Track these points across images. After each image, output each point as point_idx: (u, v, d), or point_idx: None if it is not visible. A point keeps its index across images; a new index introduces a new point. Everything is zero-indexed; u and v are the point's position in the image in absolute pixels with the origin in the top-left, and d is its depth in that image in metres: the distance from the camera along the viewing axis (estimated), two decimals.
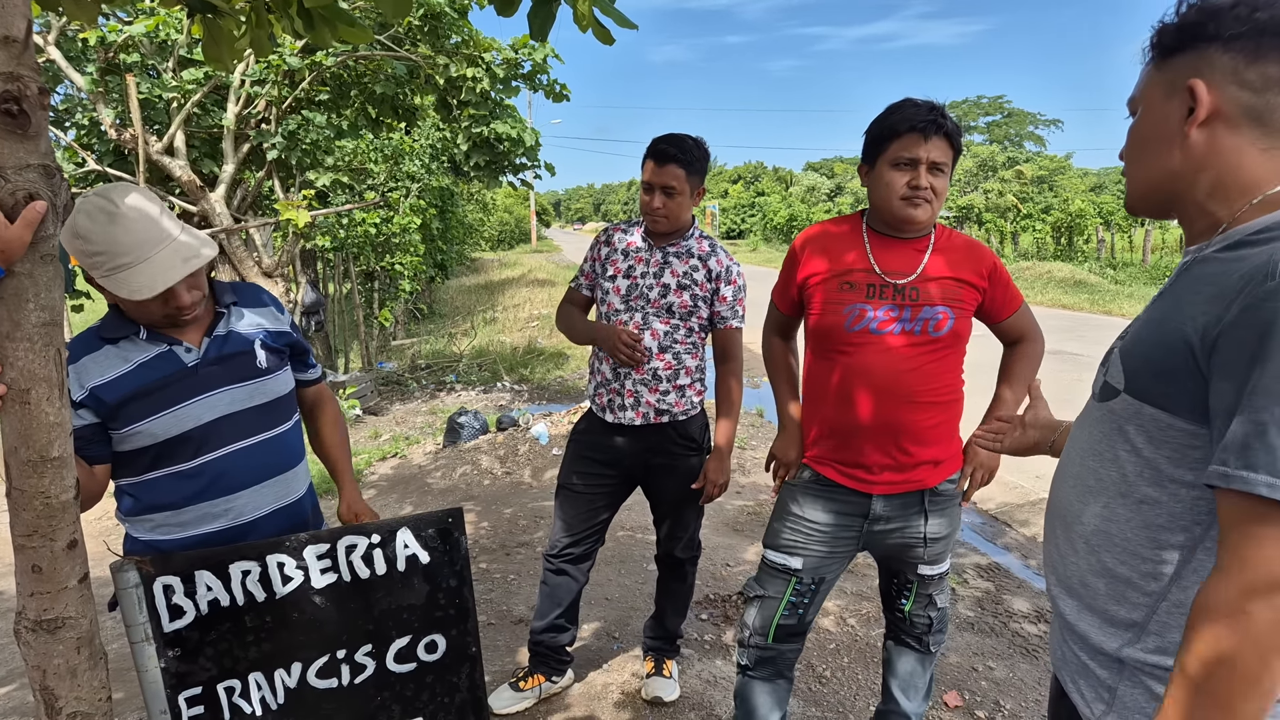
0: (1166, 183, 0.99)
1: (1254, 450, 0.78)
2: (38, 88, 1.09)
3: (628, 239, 2.41)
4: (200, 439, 1.55)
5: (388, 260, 10.74)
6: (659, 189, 2.28)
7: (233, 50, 2.20)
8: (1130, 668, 0.97)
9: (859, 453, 1.83)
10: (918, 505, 1.87)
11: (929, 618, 1.96)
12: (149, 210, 1.45)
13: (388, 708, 1.53)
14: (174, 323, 1.54)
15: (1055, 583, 1.09)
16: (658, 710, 2.53)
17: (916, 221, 1.77)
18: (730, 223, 45.43)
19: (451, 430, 6.30)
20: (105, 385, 1.49)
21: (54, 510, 1.17)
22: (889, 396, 1.78)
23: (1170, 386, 0.90)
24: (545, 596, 2.52)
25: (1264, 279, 0.81)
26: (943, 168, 1.76)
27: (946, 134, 1.74)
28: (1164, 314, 0.95)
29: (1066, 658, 1.07)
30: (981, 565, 3.66)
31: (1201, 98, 0.91)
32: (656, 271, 2.34)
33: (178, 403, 1.53)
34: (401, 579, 1.52)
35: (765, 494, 4.77)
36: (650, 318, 2.33)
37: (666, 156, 2.26)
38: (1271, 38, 0.88)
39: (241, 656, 1.43)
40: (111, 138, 5.35)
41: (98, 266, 1.42)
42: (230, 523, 1.59)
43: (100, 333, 1.53)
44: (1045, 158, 39.16)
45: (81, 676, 1.22)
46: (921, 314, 1.77)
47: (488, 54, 6.11)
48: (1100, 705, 1.00)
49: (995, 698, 2.61)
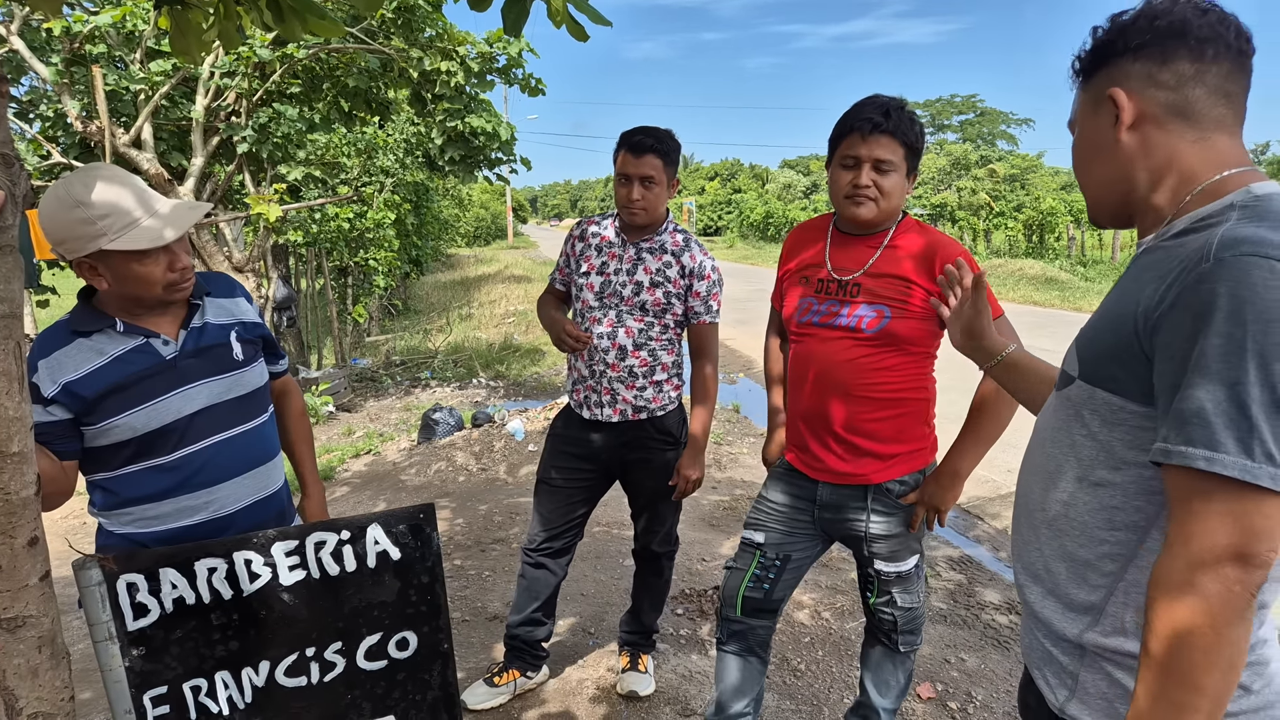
0: (1113, 187, 1.04)
1: (1191, 425, 0.81)
2: None
3: (601, 233, 2.39)
4: (180, 432, 1.53)
5: (362, 256, 10.63)
6: (637, 180, 2.24)
7: (200, 42, 2.16)
8: (1091, 653, 0.99)
9: (805, 439, 1.93)
10: (861, 500, 1.90)
11: (892, 615, 1.97)
12: (136, 180, 1.48)
13: (358, 705, 1.52)
14: (172, 293, 1.51)
15: (1021, 570, 1.12)
16: (633, 705, 2.53)
17: (860, 219, 1.83)
18: (707, 219, 45.50)
19: (426, 427, 6.25)
20: (81, 380, 1.46)
21: (14, 507, 1.15)
22: (826, 386, 1.87)
23: (1120, 370, 0.93)
24: (523, 590, 2.52)
25: (1199, 261, 0.84)
26: (887, 165, 1.77)
27: (892, 131, 1.75)
28: (1113, 302, 1.00)
29: (1033, 645, 1.09)
30: (953, 558, 3.71)
31: (1122, 103, 0.98)
32: (629, 268, 2.33)
33: (157, 396, 1.51)
34: (372, 576, 1.50)
35: (741, 489, 4.79)
36: (624, 315, 2.32)
37: (644, 147, 2.23)
38: (1175, 40, 0.94)
39: (208, 655, 1.41)
40: (77, 130, 5.23)
41: (106, 230, 1.40)
42: (210, 515, 1.57)
43: (71, 326, 1.50)
44: (1017, 156, 39.68)
45: (43, 676, 1.20)
46: (858, 310, 1.81)
47: (462, 48, 6.05)
48: (1064, 691, 1.02)
49: (967, 688, 2.65)
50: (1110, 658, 0.97)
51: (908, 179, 1.83)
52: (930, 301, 1.65)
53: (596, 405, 2.37)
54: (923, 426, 1.92)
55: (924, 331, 1.83)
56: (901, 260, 1.81)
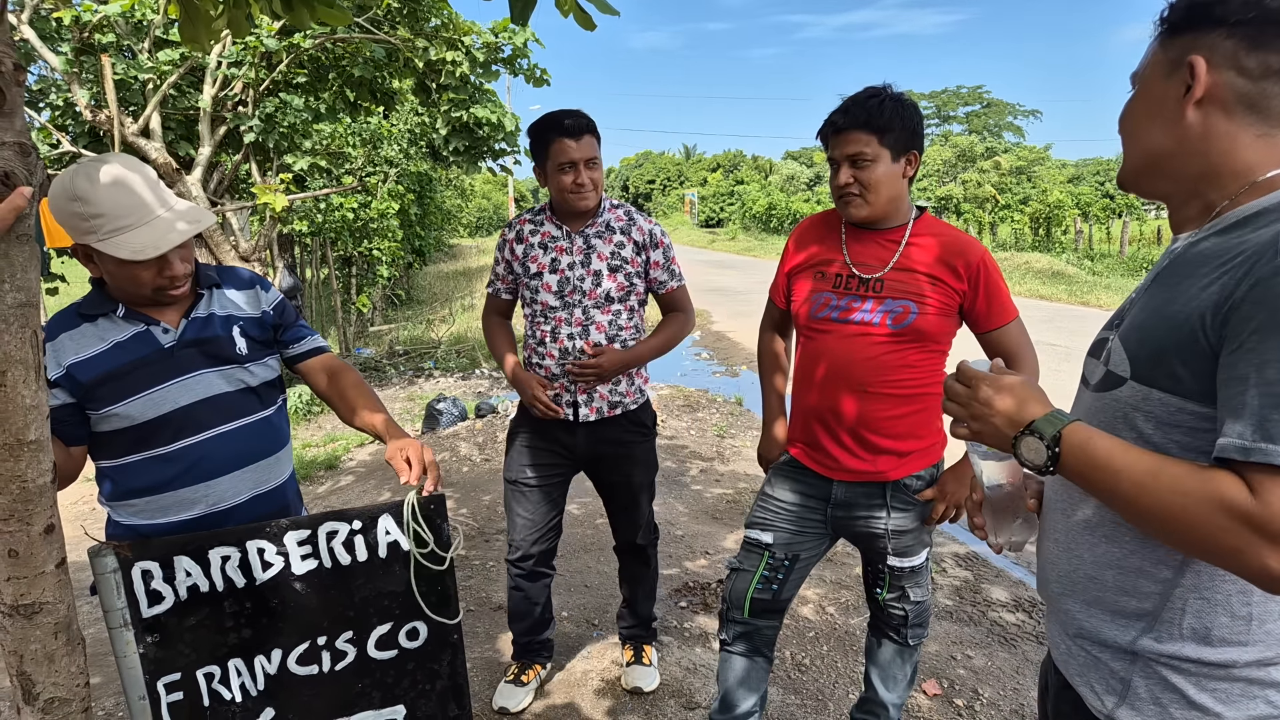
0: (1159, 160, 0.99)
1: (1272, 422, 0.78)
2: (13, 64, 1.07)
3: (540, 230, 2.32)
4: (178, 423, 1.52)
5: (365, 245, 10.63)
6: (583, 163, 2.19)
7: (210, 31, 2.16)
8: (1144, 659, 0.96)
9: (818, 436, 1.90)
10: (880, 497, 1.88)
11: (904, 610, 1.97)
12: (148, 174, 1.45)
13: (368, 695, 1.54)
14: (162, 296, 1.50)
15: (1056, 578, 1.07)
16: (637, 698, 2.55)
17: (852, 218, 1.83)
18: (709, 211, 45.37)
19: (430, 417, 6.27)
20: (80, 364, 1.46)
21: (30, 494, 1.16)
22: (842, 383, 1.84)
23: (1181, 369, 0.89)
24: (520, 600, 2.48)
25: (1273, 255, 0.81)
26: (863, 159, 1.75)
27: (859, 125, 1.73)
28: (1165, 299, 0.94)
29: (1072, 652, 1.05)
30: (960, 554, 3.71)
31: (1200, 75, 0.92)
32: (582, 260, 2.28)
33: (154, 385, 1.50)
34: (383, 566, 1.51)
35: (745, 482, 4.80)
36: (591, 311, 2.28)
37: (580, 128, 2.19)
38: (1276, 27, 0.88)
39: (221, 643, 1.42)
40: (86, 119, 5.24)
41: (96, 230, 1.39)
42: (207, 509, 1.57)
43: (80, 309, 1.51)
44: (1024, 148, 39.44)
45: (59, 662, 1.21)
46: (883, 306, 1.80)
47: (467, 37, 6.03)
48: (1112, 698, 0.99)
49: (974, 686, 2.65)
50: (1168, 663, 0.94)
51: (900, 163, 1.77)
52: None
53: (570, 404, 2.32)
54: (936, 421, 1.91)
55: (944, 328, 1.83)
56: (924, 256, 1.80)
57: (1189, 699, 0.93)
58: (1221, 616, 0.91)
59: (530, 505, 2.40)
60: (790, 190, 40.45)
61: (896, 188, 1.79)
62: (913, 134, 1.77)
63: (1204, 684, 0.93)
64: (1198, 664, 0.92)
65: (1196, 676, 0.93)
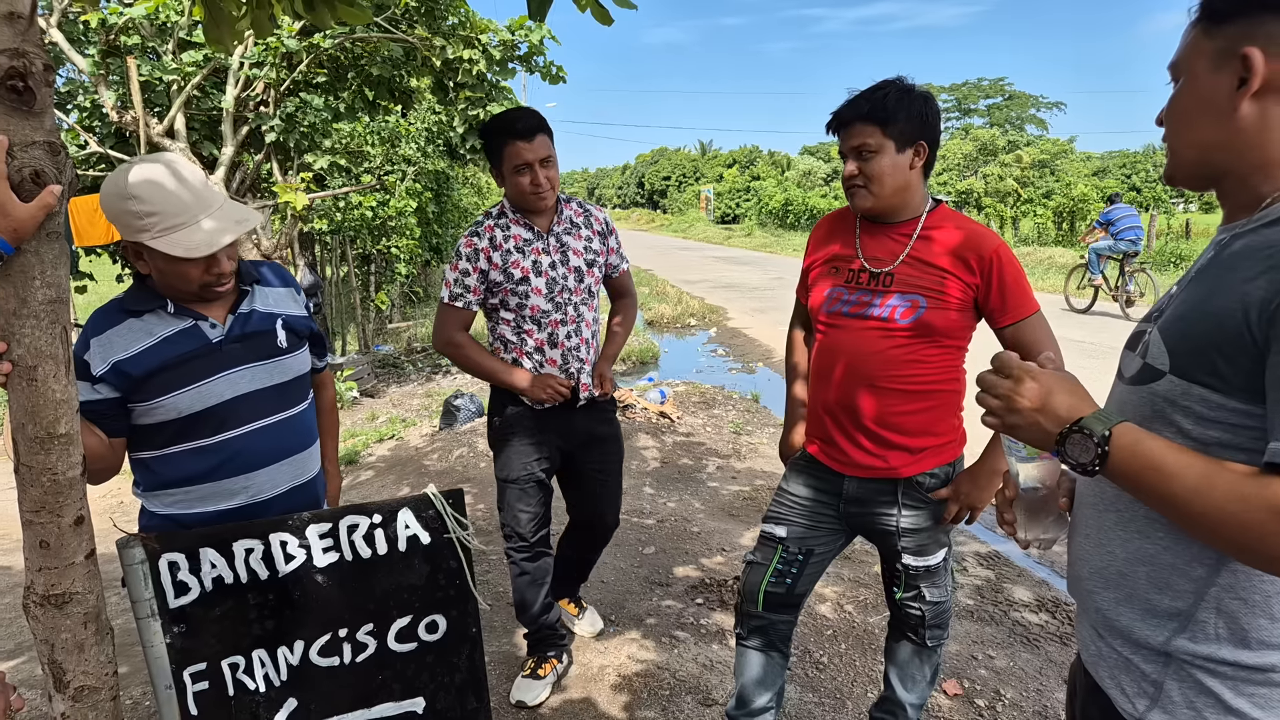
0: (1210, 154, 0.95)
1: None
2: (43, 64, 1.09)
3: (510, 234, 2.30)
4: (222, 416, 1.56)
5: (384, 244, 10.71)
6: (537, 163, 2.21)
7: (233, 31, 2.19)
8: (1178, 660, 0.93)
9: (830, 431, 1.90)
10: (891, 494, 1.87)
11: (920, 610, 1.94)
12: (199, 174, 1.51)
13: (388, 687, 1.56)
14: (208, 293, 1.54)
15: (1089, 574, 1.04)
16: (654, 694, 2.55)
17: (858, 209, 1.84)
18: (725, 207, 45.20)
19: (448, 413, 6.31)
20: (130, 359, 1.49)
21: (61, 486, 1.18)
22: (853, 378, 1.84)
23: (1224, 365, 0.86)
24: (527, 585, 2.51)
25: None
26: (867, 151, 1.74)
27: (860, 117, 1.74)
28: (1208, 292, 0.91)
29: (1103, 653, 1.02)
30: (982, 553, 3.68)
31: (1257, 68, 0.87)
32: (560, 259, 2.32)
33: (202, 379, 1.54)
34: (402, 559, 1.53)
35: (761, 479, 4.80)
36: (579, 308, 2.36)
37: (531, 129, 2.20)
38: None
39: (245, 633, 1.45)
40: (113, 120, 5.32)
41: (149, 228, 1.43)
42: (248, 500, 1.61)
43: (124, 305, 1.54)
44: (1047, 141, 38.91)
45: (89, 651, 1.24)
46: (891, 301, 1.79)
47: (484, 35, 6.06)
48: (1143, 700, 0.96)
49: (995, 687, 2.63)
50: (1202, 665, 0.92)
51: (906, 153, 1.75)
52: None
53: (572, 392, 2.38)
54: (953, 419, 1.89)
55: (959, 323, 1.80)
56: (935, 250, 1.78)
57: (1225, 703, 0.90)
58: (1260, 619, 0.88)
59: (532, 500, 2.45)
60: (807, 186, 40.20)
61: (902, 179, 1.77)
62: (921, 124, 1.75)
63: (1241, 688, 0.90)
64: (1234, 667, 0.90)
65: (1233, 680, 0.90)
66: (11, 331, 1.12)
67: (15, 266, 1.12)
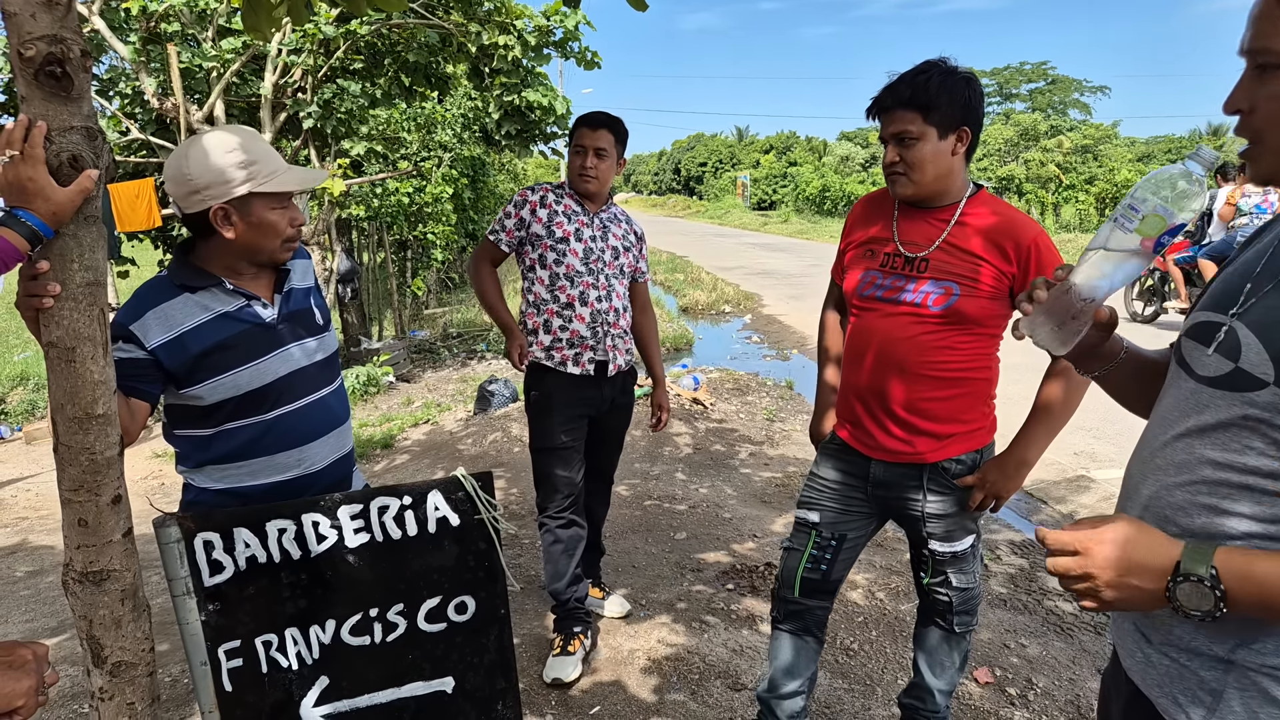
0: None
1: None
2: (80, 50, 1.10)
3: (562, 202, 2.56)
4: (278, 391, 1.61)
5: (420, 229, 10.81)
6: (591, 150, 2.49)
7: (271, 18, 2.21)
8: (1241, 668, 0.89)
9: (859, 414, 1.90)
10: (917, 479, 1.86)
11: (947, 596, 1.93)
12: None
13: (419, 666, 1.57)
14: (285, 250, 1.60)
15: None
16: (685, 678, 2.56)
17: (900, 196, 1.81)
18: (761, 193, 44.70)
19: (482, 398, 6.36)
20: (191, 332, 1.52)
21: (99, 466, 1.21)
22: (883, 362, 1.82)
23: None
24: (560, 553, 2.60)
25: None
26: (908, 137, 1.70)
27: (902, 103, 1.69)
28: None
29: (1152, 661, 0.97)
30: (1015, 541, 3.62)
31: None
32: (601, 235, 2.57)
33: (258, 356, 1.58)
34: (432, 540, 1.54)
35: (794, 466, 4.76)
36: (611, 280, 2.57)
37: (599, 122, 2.51)
38: None
39: (278, 612, 1.47)
40: (154, 107, 5.43)
41: (255, 175, 1.51)
42: (302, 472, 1.66)
43: (176, 280, 1.56)
44: (1090, 126, 37.77)
45: (126, 627, 1.27)
46: (924, 287, 1.76)
47: (519, 21, 6.05)
48: (1199, 710, 0.91)
49: (1027, 675, 2.59)
50: (1270, 672, 0.87)
51: (948, 140, 1.70)
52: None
53: (591, 362, 2.54)
54: (983, 406, 1.86)
55: (992, 311, 1.76)
56: (972, 236, 1.74)
57: None
58: None
59: (565, 466, 2.57)
60: (845, 172, 39.58)
61: (944, 165, 1.73)
62: (964, 109, 1.70)
63: None
64: None
65: None
66: (51, 314, 1.14)
67: (54, 250, 1.14)
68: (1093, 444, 4.93)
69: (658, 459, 4.89)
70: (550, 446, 2.56)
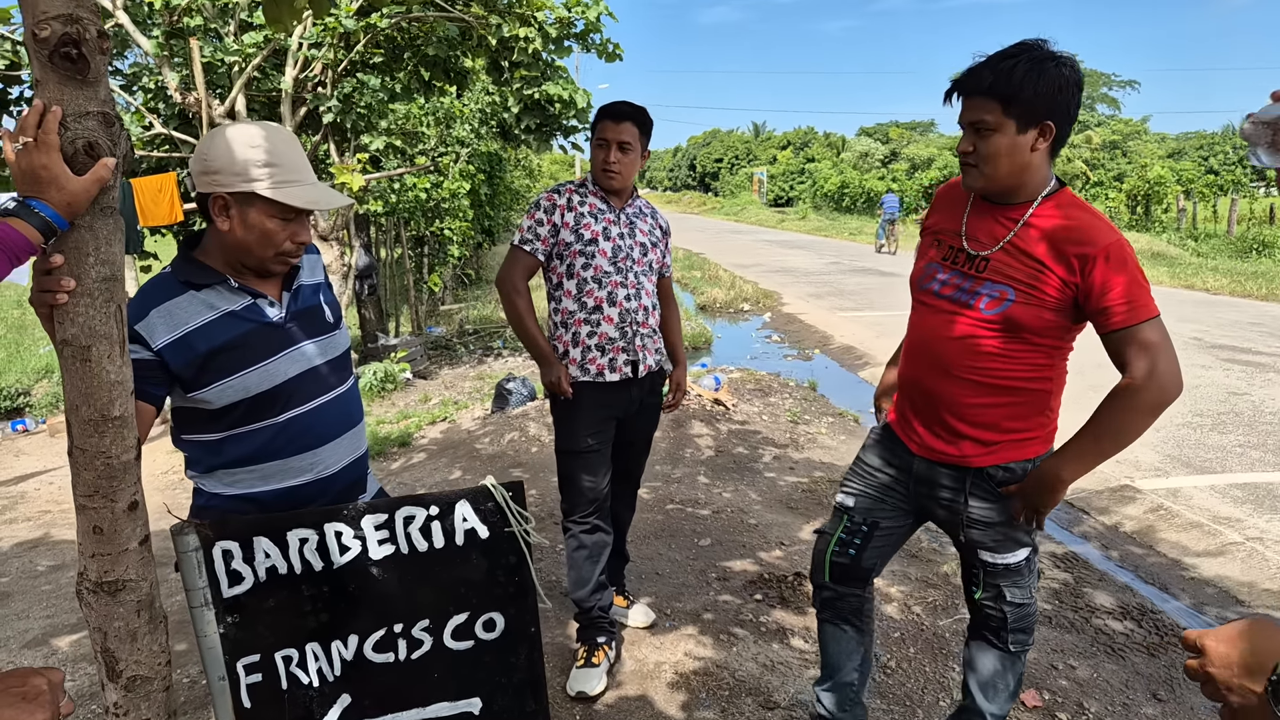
0: None
1: None
2: (97, 30, 1.03)
3: (589, 201, 2.46)
4: (289, 393, 1.53)
5: (437, 225, 10.78)
6: (615, 144, 2.39)
7: (292, 12, 2.15)
8: None
9: (905, 408, 1.87)
10: (960, 482, 1.78)
11: (1001, 611, 1.84)
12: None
13: (445, 685, 1.49)
14: (279, 263, 1.52)
15: None
16: (711, 693, 2.47)
17: (969, 187, 1.73)
18: (778, 190, 44.38)
19: (499, 396, 6.30)
20: (196, 331, 1.45)
21: (115, 470, 1.14)
22: (929, 360, 1.78)
23: None
24: (584, 559, 2.52)
25: None
26: (983, 127, 1.60)
27: (982, 90, 1.58)
28: None
29: None
30: (1057, 554, 3.49)
31: None
32: (628, 232, 2.48)
33: (267, 357, 1.51)
34: (460, 554, 1.47)
35: (820, 470, 4.66)
36: (640, 277, 2.48)
37: (623, 114, 2.40)
38: None
39: (299, 626, 1.40)
40: (176, 101, 5.40)
41: (267, 177, 1.43)
42: (316, 475, 1.58)
43: (180, 277, 1.49)
44: (1119, 121, 37.17)
45: (141, 640, 1.20)
46: (980, 289, 1.67)
47: (540, 13, 5.98)
48: None
49: (1078, 699, 2.46)
50: None
51: (1029, 134, 1.58)
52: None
53: (626, 365, 2.45)
54: (1038, 416, 1.75)
55: (1052, 323, 1.63)
56: (1038, 241, 1.62)
57: None
58: None
59: (591, 471, 2.48)
60: (864, 168, 39.24)
61: (1020, 161, 1.62)
62: (1050, 102, 1.57)
63: None
64: None
65: None
66: (65, 310, 1.08)
67: (69, 243, 1.08)
68: (1136, 451, 4.74)
69: (679, 461, 4.80)
70: (576, 449, 2.48)
